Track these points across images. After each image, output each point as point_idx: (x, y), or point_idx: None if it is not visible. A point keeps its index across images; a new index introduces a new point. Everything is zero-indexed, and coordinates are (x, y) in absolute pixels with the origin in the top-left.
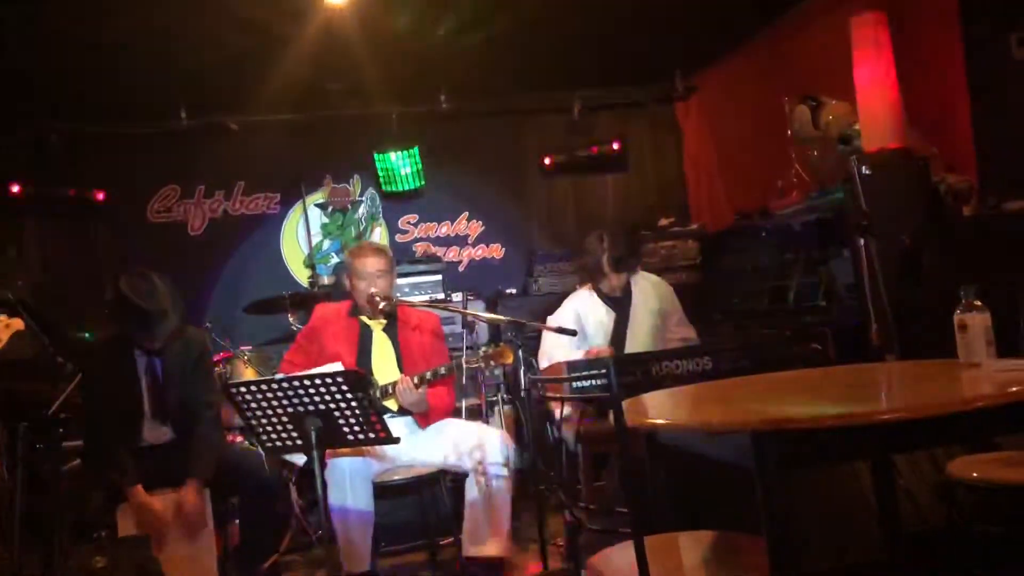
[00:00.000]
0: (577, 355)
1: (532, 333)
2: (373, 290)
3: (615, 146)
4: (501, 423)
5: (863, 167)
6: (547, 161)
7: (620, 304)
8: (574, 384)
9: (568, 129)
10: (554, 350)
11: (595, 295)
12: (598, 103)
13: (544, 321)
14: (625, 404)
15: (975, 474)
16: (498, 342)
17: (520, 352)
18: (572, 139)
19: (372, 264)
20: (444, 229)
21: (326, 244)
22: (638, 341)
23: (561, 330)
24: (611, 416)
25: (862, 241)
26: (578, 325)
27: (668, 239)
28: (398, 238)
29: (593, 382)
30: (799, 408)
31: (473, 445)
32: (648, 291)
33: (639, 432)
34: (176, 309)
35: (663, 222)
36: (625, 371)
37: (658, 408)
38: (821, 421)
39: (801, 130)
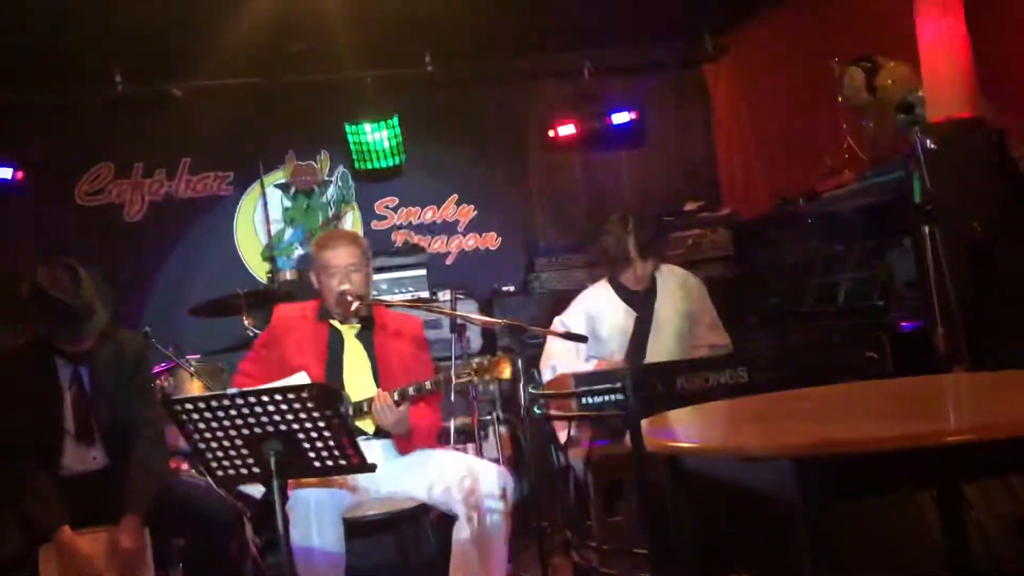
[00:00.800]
0: (589, 365)
1: (534, 339)
2: (344, 287)
3: (632, 117)
4: (497, 447)
5: (927, 141)
6: (551, 135)
7: (642, 302)
8: (583, 400)
9: (576, 97)
10: (560, 358)
11: (612, 291)
12: (612, 66)
13: (549, 323)
14: (644, 424)
15: None
16: (493, 351)
17: (519, 362)
18: (581, 109)
19: (343, 256)
20: (429, 215)
21: (288, 232)
22: (661, 347)
23: (569, 335)
24: (627, 438)
25: (926, 229)
26: (589, 329)
27: (695, 227)
28: (374, 225)
29: (606, 398)
30: (850, 429)
31: (463, 474)
32: (674, 288)
33: (660, 457)
34: (107, 305)
35: (689, 207)
36: (644, 384)
37: (683, 428)
38: (876, 444)
39: (853, 97)
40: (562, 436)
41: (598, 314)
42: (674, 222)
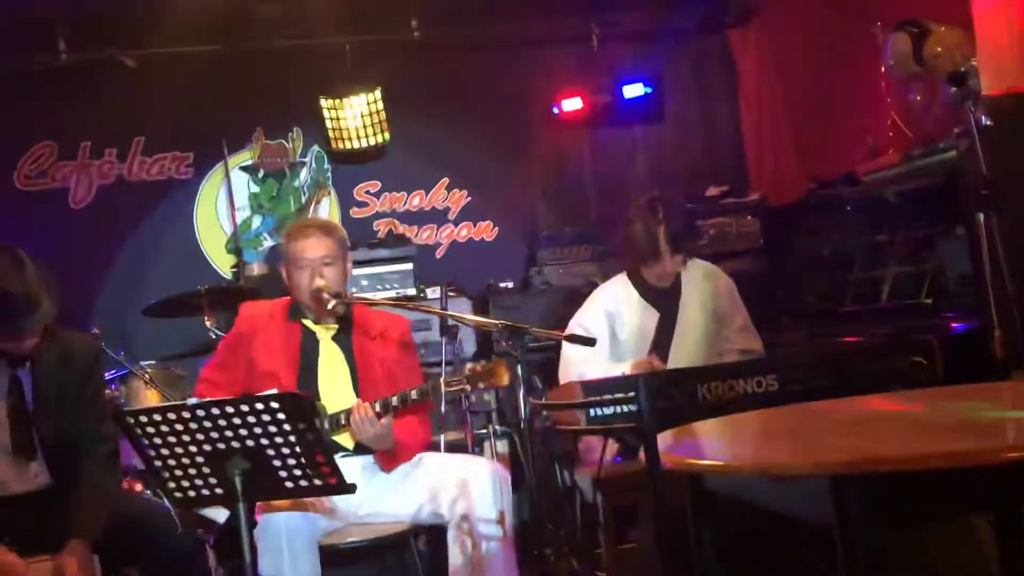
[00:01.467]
0: (623, 368)
1: (536, 342)
2: (319, 283)
3: (647, 89)
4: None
5: (982, 116)
6: (556, 110)
7: (665, 301)
8: (592, 412)
9: (584, 67)
10: (586, 363)
11: (632, 288)
12: (624, 31)
13: (552, 323)
14: (661, 438)
15: None
16: (489, 356)
17: (519, 368)
18: (589, 80)
19: (315, 248)
20: (416, 201)
21: (256, 221)
22: (685, 352)
23: (574, 339)
24: (641, 454)
25: (982, 217)
26: (609, 330)
27: (719, 215)
28: (354, 213)
29: (618, 408)
30: (895, 444)
31: (456, 491)
32: (702, 285)
33: (679, 476)
34: (53, 299)
35: (712, 191)
36: (662, 393)
37: (705, 444)
38: (926, 461)
39: (899, 67)
40: (583, 454)
41: (617, 313)
42: (695, 209)
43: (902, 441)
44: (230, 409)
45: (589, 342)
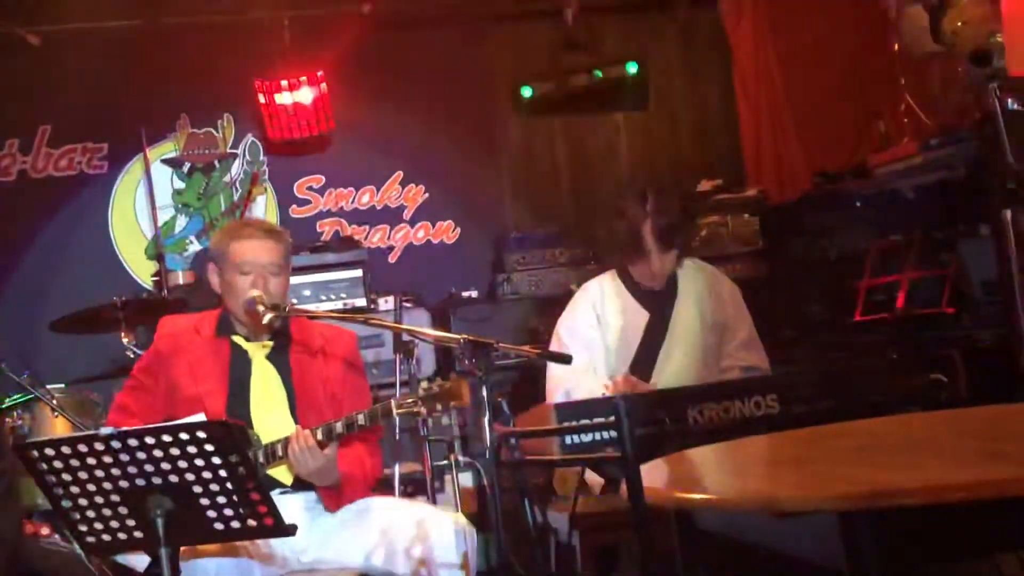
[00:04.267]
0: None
1: (504, 360)
2: (254, 293)
3: (630, 69)
4: (456, 500)
5: (1009, 99)
6: (526, 93)
7: (658, 302)
8: (567, 439)
9: (558, 44)
10: (573, 379)
11: (621, 285)
12: (603, 3)
13: (521, 338)
14: (646, 469)
15: None
16: (447, 373)
17: (485, 390)
18: (564, 59)
19: (264, 251)
20: (366, 198)
21: (181, 223)
22: (674, 364)
23: (548, 356)
24: (623, 488)
25: (1008, 214)
26: (596, 334)
27: (712, 212)
28: (294, 212)
29: (597, 435)
30: (913, 474)
31: (412, 535)
32: (700, 290)
33: (667, 512)
34: None
35: (704, 186)
36: (647, 417)
37: (697, 475)
38: (948, 493)
39: (915, 44)
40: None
41: (603, 313)
42: (691, 201)
43: (921, 471)
44: (150, 440)
45: (564, 359)
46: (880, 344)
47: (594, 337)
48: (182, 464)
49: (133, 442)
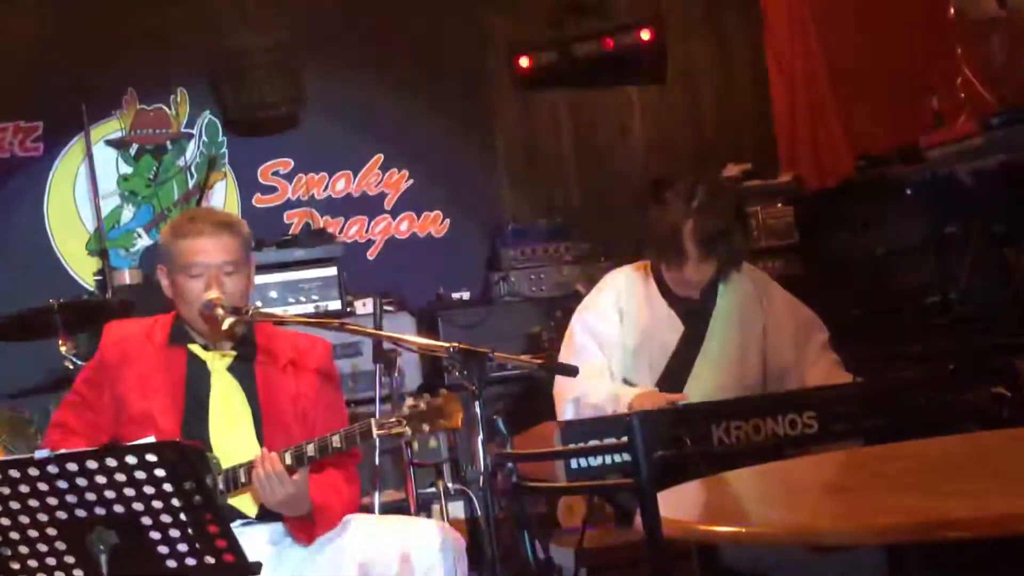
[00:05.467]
0: (634, 392)
1: (502, 372)
2: (212, 295)
3: (644, 37)
4: None
5: None
6: (524, 64)
7: (693, 314)
8: (574, 463)
9: (562, 6)
10: (585, 383)
11: (654, 287)
12: None
13: (522, 345)
14: (663, 497)
15: None
16: (436, 388)
17: (478, 406)
18: (568, 25)
19: (217, 250)
20: (341, 185)
21: (128, 213)
22: (707, 386)
23: (551, 367)
24: (638, 519)
25: None
26: (615, 333)
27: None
28: (258, 201)
29: (607, 458)
30: (970, 503)
31: (397, 567)
32: (745, 299)
33: (687, 547)
34: None
35: (731, 171)
36: (665, 437)
37: (722, 504)
38: (1010, 524)
39: (973, 9)
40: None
41: (628, 312)
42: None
43: (980, 498)
44: (92, 464)
45: (569, 371)
46: (933, 353)
47: (613, 336)
48: (129, 492)
49: (73, 466)
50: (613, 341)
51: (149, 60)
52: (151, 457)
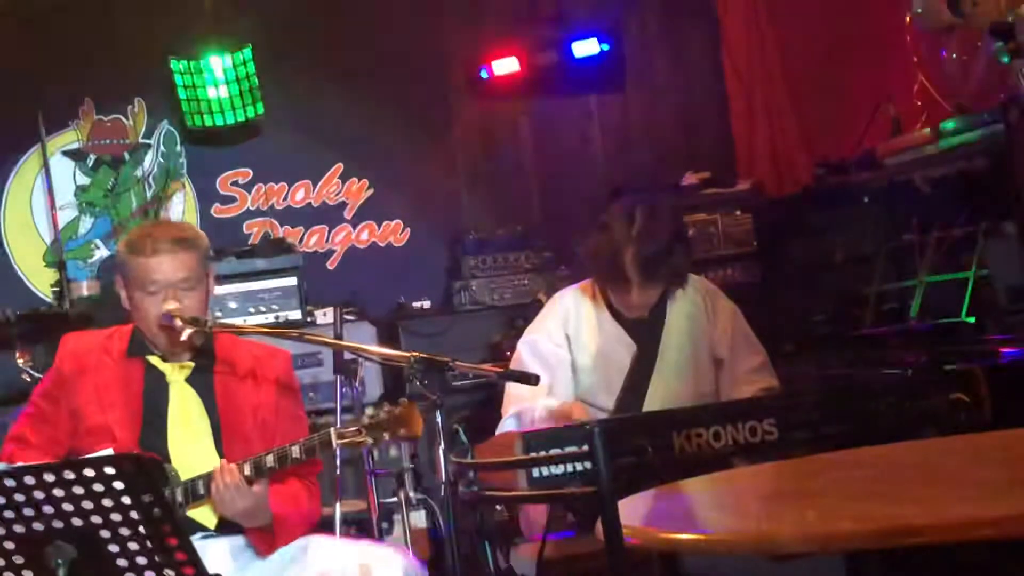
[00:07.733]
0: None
1: (463, 381)
2: (171, 306)
3: (604, 45)
4: (406, 543)
5: None
6: (484, 74)
7: (644, 331)
8: (535, 472)
9: (522, 15)
10: (527, 399)
11: (604, 309)
12: None
13: (482, 355)
14: (624, 505)
15: None
16: (397, 398)
17: (439, 416)
18: (529, 34)
19: (173, 268)
20: (301, 195)
21: (86, 224)
22: (666, 396)
23: (511, 376)
24: (599, 527)
25: None
26: (563, 354)
27: (698, 210)
28: (217, 212)
29: (568, 467)
30: (931, 509)
31: None
32: (693, 311)
33: (649, 555)
34: None
35: (690, 179)
36: (625, 445)
37: (683, 511)
38: (970, 530)
39: (929, 17)
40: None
41: (577, 333)
42: (681, 214)
43: (939, 504)
44: (49, 477)
45: (529, 379)
46: (892, 359)
47: (561, 357)
48: (87, 505)
49: (30, 480)
50: (562, 363)
51: (106, 70)
52: (109, 470)
